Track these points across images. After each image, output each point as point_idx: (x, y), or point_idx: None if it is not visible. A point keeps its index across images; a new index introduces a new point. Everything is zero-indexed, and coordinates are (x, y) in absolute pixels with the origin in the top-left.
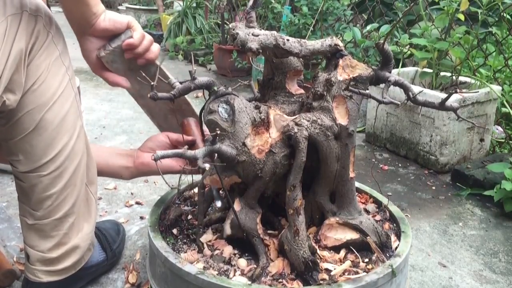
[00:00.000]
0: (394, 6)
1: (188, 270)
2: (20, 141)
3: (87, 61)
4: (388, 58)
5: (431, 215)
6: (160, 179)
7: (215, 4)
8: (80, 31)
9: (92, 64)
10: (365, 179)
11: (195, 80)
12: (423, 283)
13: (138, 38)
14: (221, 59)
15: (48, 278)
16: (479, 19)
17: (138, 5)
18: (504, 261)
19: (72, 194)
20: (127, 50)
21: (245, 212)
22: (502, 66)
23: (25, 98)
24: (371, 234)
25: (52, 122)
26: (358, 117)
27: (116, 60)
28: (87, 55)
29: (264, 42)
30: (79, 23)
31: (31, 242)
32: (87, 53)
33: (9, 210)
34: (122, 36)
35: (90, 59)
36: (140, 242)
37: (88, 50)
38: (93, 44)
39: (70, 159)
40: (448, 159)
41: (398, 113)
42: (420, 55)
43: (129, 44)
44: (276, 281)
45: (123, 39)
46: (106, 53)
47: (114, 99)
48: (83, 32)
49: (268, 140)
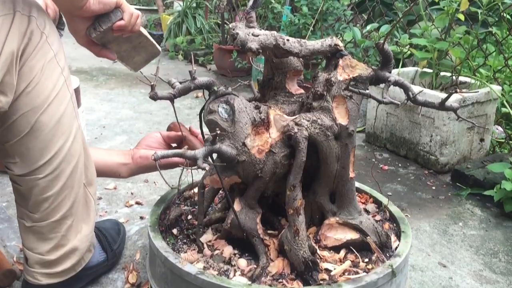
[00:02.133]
0: (394, 6)
1: (188, 270)
2: (15, 144)
3: (74, 36)
4: (388, 58)
5: (431, 215)
6: (160, 179)
7: (215, 4)
8: (68, 13)
9: (79, 39)
10: (365, 179)
11: (195, 80)
12: (423, 283)
13: (128, 19)
14: (221, 59)
15: (47, 280)
16: (479, 19)
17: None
18: (504, 261)
19: (70, 196)
20: (117, 30)
21: (245, 212)
22: (502, 66)
23: (20, 101)
24: (371, 234)
25: (47, 124)
26: (358, 117)
27: (104, 36)
28: (75, 33)
29: (264, 42)
30: (68, 8)
31: (29, 244)
32: (75, 31)
33: (9, 210)
34: (111, 16)
35: (78, 36)
36: (140, 242)
37: (77, 29)
38: (82, 24)
39: (66, 161)
40: (448, 159)
41: (398, 113)
42: (420, 55)
43: (121, 26)
44: (276, 281)
45: (113, 20)
46: (97, 33)
47: (114, 99)
48: (71, 13)
49: (268, 140)
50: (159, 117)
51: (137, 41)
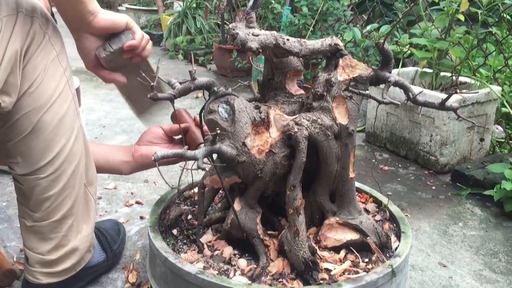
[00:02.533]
0: (394, 6)
1: (188, 269)
2: (18, 143)
3: (83, 58)
4: (388, 58)
5: (431, 215)
6: (160, 179)
7: (215, 5)
8: (76, 29)
9: (88, 61)
10: (365, 179)
11: (195, 80)
12: (423, 282)
13: (139, 39)
14: (221, 59)
15: (48, 279)
16: (479, 20)
17: (138, 5)
18: (504, 261)
19: (71, 196)
20: (127, 52)
21: (245, 212)
22: (502, 66)
23: (22, 100)
24: (371, 234)
25: (49, 124)
26: (358, 117)
27: (114, 59)
28: (84, 53)
29: (264, 41)
30: (75, 22)
31: (30, 244)
32: (84, 51)
33: (9, 210)
34: (122, 37)
35: (87, 57)
36: (140, 243)
37: (85, 48)
38: (91, 42)
39: (68, 161)
40: (448, 159)
41: (398, 112)
42: (420, 55)
43: (132, 46)
44: (276, 280)
45: (124, 40)
46: (106, 54)
47: (114, 99)
48: (79, 30)
49: (268, 140)
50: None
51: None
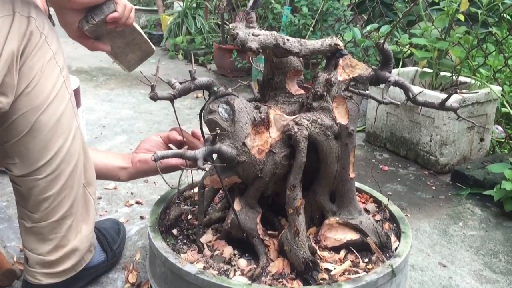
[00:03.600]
0: (394, 6)
1: (188, 270)
2: (15, 144)
3: (66, 30)
4: (388, 57)
5: (431, 215)
6: (160, 179)
7: (215, 5)
8: (58, 6)
9: (71, 32)
10: (365, 179)
11: (195, 80)
12: (423, 282)
13: (121, 11)
14: (221, 59)
15: (48, 280)
16: (479, 20)
17: (138, 5)
18: (504, 261)
19: (69, 196)
20: (111, 23)
21: (245, 212)
22: (502, 66)
23: (19, 101)
24: (371, 234)
25: (47, 124)
26: (358, 117)
27: (97, 29)
28: (66, 26)
29: (264, 41)
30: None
31: (29, 245)
32: (66, 24)
33: (9, 210)
34: (104, 8)
35: (69, 29)
36: (140, 243)
37: (68, 22)
38: (73, 17)
39: (66, 161)
40: (448, 160)
41: (398, 112)
42: (420, 55)
43: (115, 18)
44: (276, 280)
45: (106, 12)
46: (89, 26)
47: (114, 99)
48: (61, 6)
49: (268, 140)
50: (159, 117)
51: (131, 37)
